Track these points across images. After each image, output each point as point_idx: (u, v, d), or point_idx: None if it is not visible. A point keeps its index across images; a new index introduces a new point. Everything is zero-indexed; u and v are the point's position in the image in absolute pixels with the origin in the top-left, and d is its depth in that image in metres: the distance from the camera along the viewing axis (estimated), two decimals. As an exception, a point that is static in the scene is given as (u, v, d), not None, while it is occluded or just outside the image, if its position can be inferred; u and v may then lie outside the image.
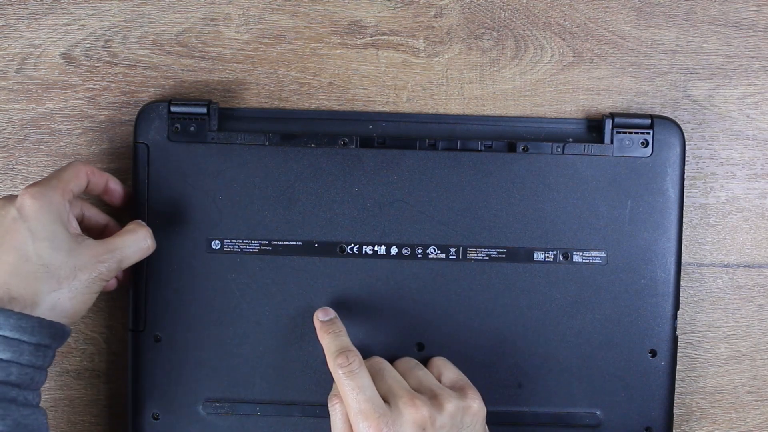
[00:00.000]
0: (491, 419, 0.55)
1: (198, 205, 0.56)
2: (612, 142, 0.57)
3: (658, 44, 0.59)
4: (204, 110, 0.56)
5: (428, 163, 0.57)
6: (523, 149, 0.57)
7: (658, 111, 0.59)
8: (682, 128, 0.57)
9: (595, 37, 0.59)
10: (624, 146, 0.57)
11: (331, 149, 0.57)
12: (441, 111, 0.59)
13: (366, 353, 0.56)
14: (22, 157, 0.60)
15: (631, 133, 0.56)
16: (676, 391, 0.58)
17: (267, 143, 0.56)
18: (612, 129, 0.57)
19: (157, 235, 0.55)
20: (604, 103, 0.59)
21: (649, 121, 0.56)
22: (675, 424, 0.59)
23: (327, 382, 0.56)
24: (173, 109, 0.56)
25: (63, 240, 0.50)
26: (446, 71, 0.59)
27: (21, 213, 0.49)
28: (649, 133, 0.56)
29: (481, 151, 0.57)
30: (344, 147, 0.57)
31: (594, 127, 0.58)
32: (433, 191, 0.57)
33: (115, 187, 0.56)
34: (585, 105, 0.59)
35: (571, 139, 0.57)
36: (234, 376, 0.57)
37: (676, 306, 0.57)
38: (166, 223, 0.56)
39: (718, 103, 0.59)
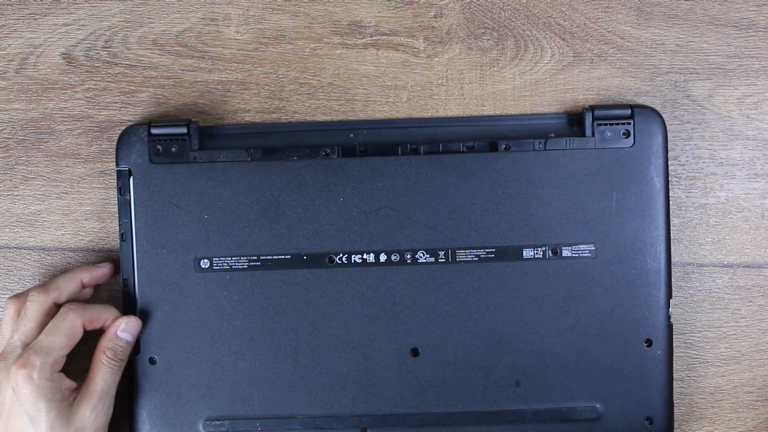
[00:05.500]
0: (491, 420, 0.55)
1: (185, 225, 0.56)
2: (593, 135, 0.56)
3: (658, 44, 0.59)
4: (184, 130, 0.56)
5: (411, 168, 0.56)
6: (505, 148, 0.56)
7: (658, 111, 0.58)
8: (665, 120, 0.57)
9: (595, 37, 0.59)
10: (606, 138, 0.56)
11: (314, 161, 0.57)
12: (441, 111, 0.59)
13: (361, 361, 0.56)
14: (22, 157, 0.60)
15: (612, 124, 0.56)
16: (675, 390, 0.58)
17: (249, 159, 0.56)
18: (593, 121, 0.56)
19: (145, 257, 0.56)
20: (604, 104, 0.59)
21: (629, 111, 0.56)
22: (675, 425, 0.59)
23: (325, 393, 0.56)
24: (153, 131, 0.56)
25: (60, 415, 0.52)
26: (446, 71, 0.59)
27: (17, 395, 0.52)
28: (629, 123, 0.56)
29: (463, 152, 0.57)
30: (326, 158, 0.57)
31: (575, 121, 0.58)
32: (418, 196, 0.56)
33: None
34: (585, 105, 0.59)
35: (552, 135, 0.57)
36: (232, 393, 0.57)
37: (669, 294, 0.56)
38: (154, 245, 0.56)
39: (718, 103, 0.59)
